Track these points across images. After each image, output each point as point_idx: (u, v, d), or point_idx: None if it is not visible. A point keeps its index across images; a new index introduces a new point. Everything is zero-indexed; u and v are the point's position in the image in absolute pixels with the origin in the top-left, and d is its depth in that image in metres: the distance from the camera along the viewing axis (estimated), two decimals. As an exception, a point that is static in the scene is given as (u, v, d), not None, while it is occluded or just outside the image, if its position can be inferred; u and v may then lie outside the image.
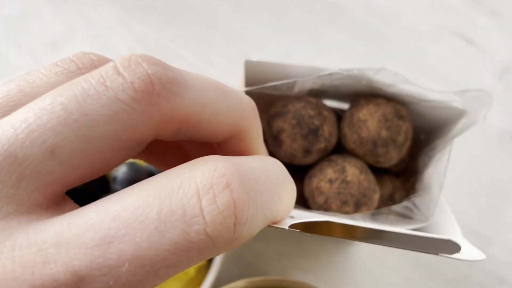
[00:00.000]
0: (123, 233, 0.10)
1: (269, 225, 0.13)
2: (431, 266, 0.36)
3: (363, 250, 0.36)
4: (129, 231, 0.10)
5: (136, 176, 0.28)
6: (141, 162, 0.29)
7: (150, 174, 0.29)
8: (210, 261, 0.30)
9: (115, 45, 0.41)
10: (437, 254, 0.14)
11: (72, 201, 0.12)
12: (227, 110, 0.14)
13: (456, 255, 0.15)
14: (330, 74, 0.22)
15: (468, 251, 0.17)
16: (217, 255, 0.12)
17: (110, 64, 0.12)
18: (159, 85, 0.12)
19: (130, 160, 0.28)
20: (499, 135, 0.39)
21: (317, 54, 0.41)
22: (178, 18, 0.41)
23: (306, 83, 0.22)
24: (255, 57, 0.40)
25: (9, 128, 0.11)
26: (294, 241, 0.36)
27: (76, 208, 0.12)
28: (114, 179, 0.28)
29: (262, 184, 0.13)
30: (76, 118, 0.11)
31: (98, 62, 0.14)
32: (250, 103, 0.15)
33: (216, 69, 0.40)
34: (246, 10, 0.42)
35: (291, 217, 0.20)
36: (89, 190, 0.29)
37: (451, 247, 0.14)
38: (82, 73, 0.13)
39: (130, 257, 0.10)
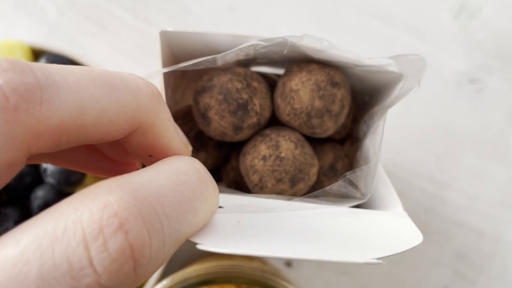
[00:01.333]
0: None
1: None
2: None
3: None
4: None
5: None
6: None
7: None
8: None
9: (43, 10, 0.37)
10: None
11: None
12: (117, 106, 0.12)
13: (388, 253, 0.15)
14: (252, 45, 0.19)
15: (405, 237, 0.17)
16: None
17: None
18: (14, 97, 0.10)
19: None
20: (456, 78, 0.37)
21: (264, 4, 0.38)
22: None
23: (227, 57, 0.20)
24: (194, 14, 0.37)
25: None
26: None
27: None
28: (45, 170, 0.26)
29: (170, 206, 0.11)
30: None
31: None
32: (149, 90, 0.13)
33: (156, 28, 0.37)
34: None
35: (220, 207, 0.19)
36: (23, 184, 0.27)
37: (375, 263, 0.13)
38: None
39: None
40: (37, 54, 0.30)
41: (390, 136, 0.37)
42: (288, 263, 0.35)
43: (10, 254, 0.09)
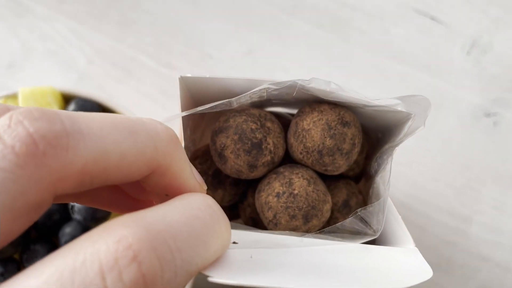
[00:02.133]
0: None
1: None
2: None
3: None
4: None
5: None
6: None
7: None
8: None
9: (73, 59, 0.40)
10: None
11: None
12: (136, 149, 0.13)
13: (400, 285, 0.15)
14: (264, 88, 0.21)
15: (414, 272, 0.17)
16: None
17: None
18: (43, 144, 0.11)
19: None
20: (471, 111, 0.38)
21: (281, 47, 0.40)
22: (135, 24, 0.40)
23: (243, 99, 0.21)
24: (215, 58, 0.39)
25: None
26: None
27: None
28: (72, 207, 0.28)
29: (182, 240, 0.12)
30: None
31: None
32: (166, 134, 0.14)
33: (178, 72, 0.39)
34: (203, 10, 0.40)
35: (234, 242, 0.20)
36: (52, 221, 0.29)
37: None
38: None
39: None
40: (67, 99, 0.32)
41: (408, 171, 0.37)
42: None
43: (33, 285, 0.10)
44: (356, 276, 0.16)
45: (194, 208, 0.13)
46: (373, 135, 0.26)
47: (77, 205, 0.27)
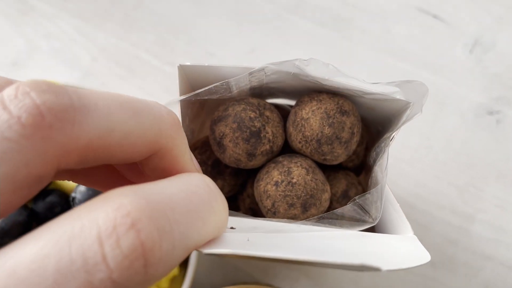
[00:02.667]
0: None
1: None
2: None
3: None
4: (27, 286, 0.10)
5: (94, 195, 0.28)
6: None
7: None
8: (184, 270, 0.29)
9: (78, 57, 0.40)
10: (362, 271, 0.13)
11: None
12: (140, 130, 0.13)
13: (397, 266, 0.15)
14: (261, 69, 0.21)
15: (412, 256, 0.17)
16: None
17: None
18: (50, 116, 0.11)
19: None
20: (474, 110, 0.38)
21: (283, 45, 0.40)
22: (138, 23, 0.41)
23: (241, 82, 0.21)
24: (217, 57, 0.40)
25: None
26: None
27: None
28: (73, 199, 0.28)
29: (180, 213, 0.12)
30: None
31: None
32: (170, 118, 0.14)
33: (181, 70, 0.39)
34: (206, 10, 0.41)
35: (232, 228, 0.19)
36: (53, 213, 0.29)
37: (372, 266, 0.13)
38: None
39: None
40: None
41: (411, 169, 0.37)
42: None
43: (30, 250, 0.10)
44: (354, 255, 0.16)
45: (192, 185, 0.13)
46: (374, 128, 0.26)
47: (78, 197, 0.28)
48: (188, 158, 0.16)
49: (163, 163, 0.15)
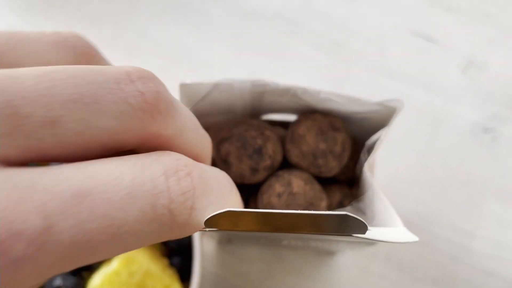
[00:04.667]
0: (99, 190, 0.11)
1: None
2: (417, 269, 0.37)
3: (346, 258, 0.37)
4: (105, 189, 0.11)
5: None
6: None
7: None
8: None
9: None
10: (350, 235, 0.14)
11: None
12: (195, 142, 0.15)
13: (382, 238, 0.16)
14: (264, 84, 0.23)
15: (401, 236, 0.18)
16: (170, 238, 0.12)
17: (123, 69, 0.12)
18: (163, 104, 0.13)
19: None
20: (470, 128, 0.39)
21: (282, 69, 0.42)
22: (141, 53, 0.43)
23: (246, 85, 0.23)
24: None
25: (19, 83, 0.10)
26: (277, 260, 0.37)
27: None
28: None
29: (213, 186, 0.14)
30: (87, 102, 0.11)
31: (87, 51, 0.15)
32: (210, 139, 0.17)
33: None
34: (208, 38, 0.43)
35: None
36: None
37: (356, 224, 0.13)
38: (76, 56, 0.14)
39: (102, 214, 0.10)
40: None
41: (408, 187, 0.38)
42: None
43: (108, 165, 0.11)
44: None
45: (220, 173, 0.15)
46: (361, 143, 0.28)
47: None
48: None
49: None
